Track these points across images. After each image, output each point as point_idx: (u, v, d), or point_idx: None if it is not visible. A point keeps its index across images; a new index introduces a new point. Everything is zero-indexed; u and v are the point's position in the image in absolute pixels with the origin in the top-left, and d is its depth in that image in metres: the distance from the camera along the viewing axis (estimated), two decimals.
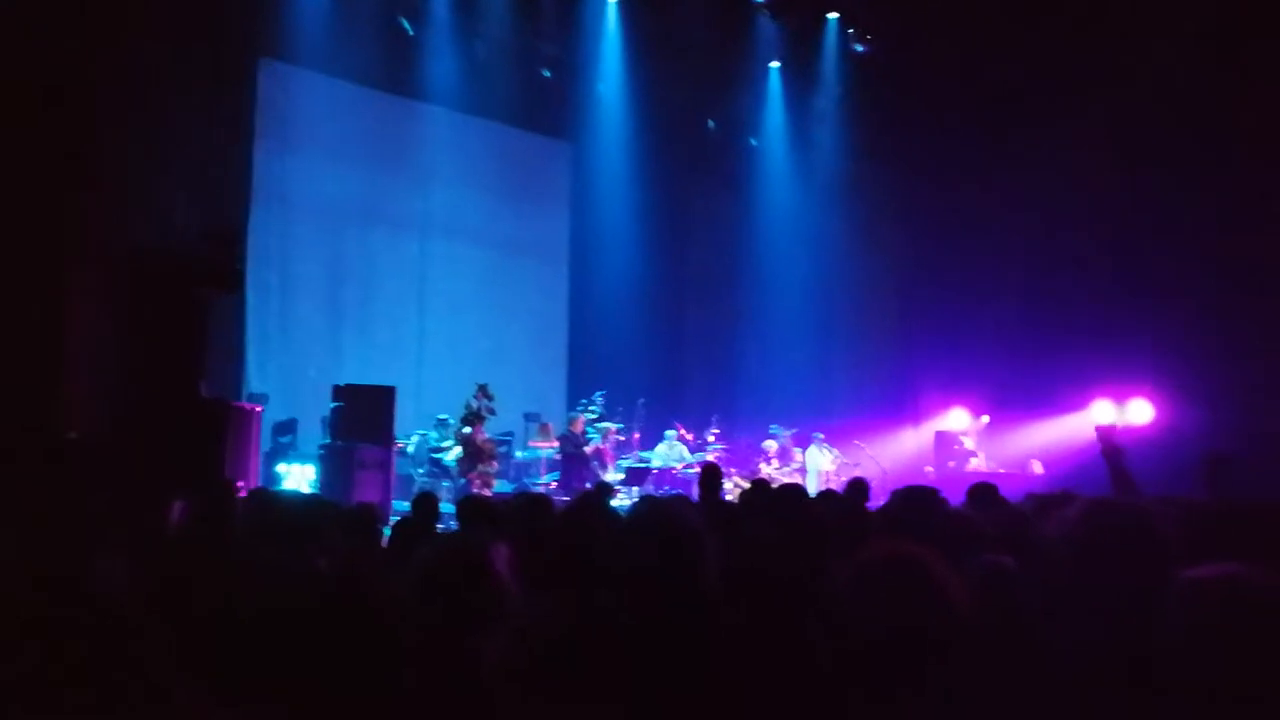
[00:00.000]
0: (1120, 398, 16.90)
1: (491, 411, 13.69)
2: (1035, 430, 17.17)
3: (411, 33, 16.01)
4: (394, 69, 16.14)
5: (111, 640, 2.62)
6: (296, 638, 2.80)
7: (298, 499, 6.39)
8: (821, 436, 17.15)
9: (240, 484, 8.34)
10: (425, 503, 6.37)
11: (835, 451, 16.99)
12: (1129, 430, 15.93)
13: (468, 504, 5.90)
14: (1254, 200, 14.88)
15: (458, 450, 13.65)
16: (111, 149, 10.62)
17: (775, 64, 19.06)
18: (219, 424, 8.39)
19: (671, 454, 16.34)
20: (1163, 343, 15.68)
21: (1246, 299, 15.06)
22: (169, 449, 7.25)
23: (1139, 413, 16.76)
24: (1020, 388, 17.25)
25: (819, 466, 16.67)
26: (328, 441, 12.53)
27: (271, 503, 5.22)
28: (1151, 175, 15.86)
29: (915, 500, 4.80)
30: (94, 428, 8.22)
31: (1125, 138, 15.91)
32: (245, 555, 3.53)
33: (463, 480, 13.38)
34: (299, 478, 12.12)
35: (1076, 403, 16.98)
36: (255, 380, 14.76)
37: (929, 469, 17.19)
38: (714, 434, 17.08)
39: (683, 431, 16.92)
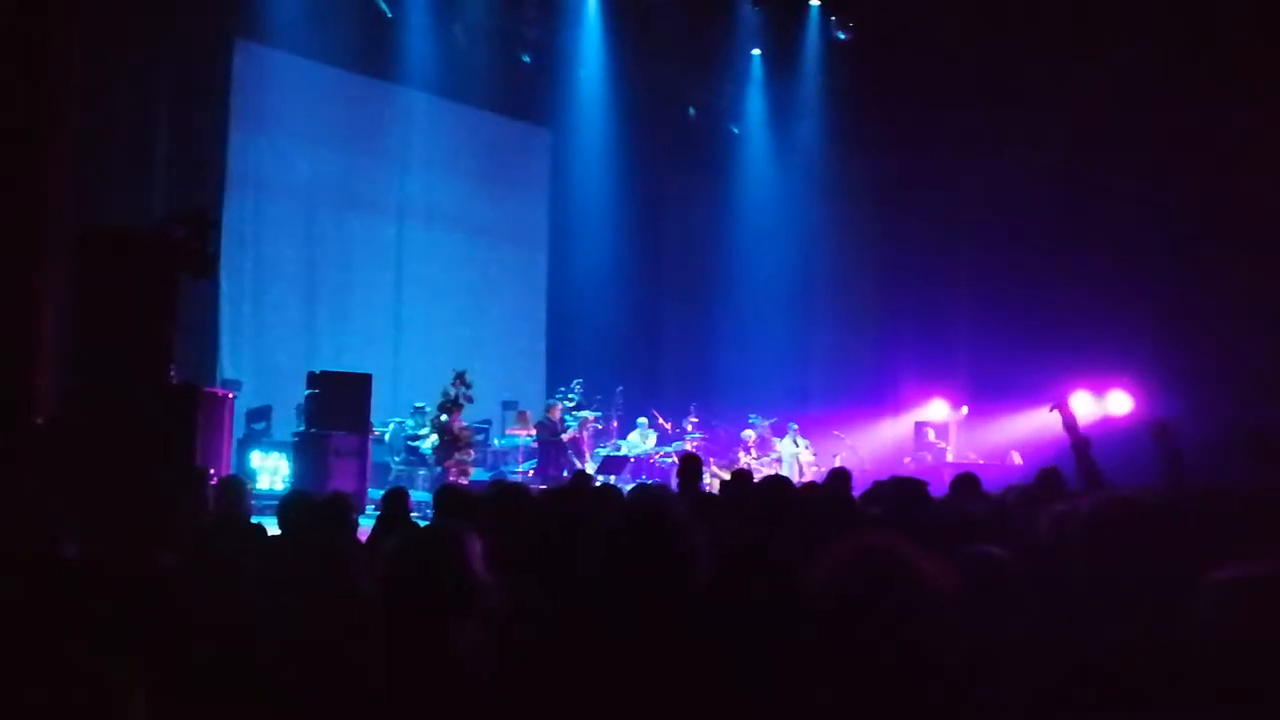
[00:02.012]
0: (1099, 389, 16.91)
1: (469, 399, 13.55)
2: (1014, 422, 17.15)
3: (390, 15, 15.81)
4: (372, 52, 15.95)
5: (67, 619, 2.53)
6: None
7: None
8: (795, 427, 17.11)
9: (212, 471, 8.20)
10: (396, 498, 6.18)
11: (806, 441, 16.94)
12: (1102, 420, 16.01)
13: (445, 494, 5.78)
14: (1231, 191, 14.89)
15: (434, 438, 13.51)
16: (84, 129, 10.41)
17: (756, 51, 18.97)
18: (189, 410, 8.22)
19: (643, 443, 16.27)
20: (1141, 334, 15.69)
21: (1223, 290, 15.07)
22: (138, 436, 7.09)
23: (1118, 404, 16.78)
24: (999, 379, 17.21)
25: (792, 456, 16.63)
26: (302, 429, 12.37)
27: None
28: (1132, 166, 15.86)
29: (903, 492, 4.73)
30: (62, 414, 8.05)
31: (1106, 128, 15.90)
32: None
33: (439, 468, 13.25)
34: (271, 468, 11.98)
35: (1055, 394, 16.97)
36: (229, 366, 14.59)
37: (908, 460, 17.16)
38: (692, 423, 17.00)
39: (660, 420, 16.84)
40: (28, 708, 1.55)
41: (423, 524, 4.38)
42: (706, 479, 13.24)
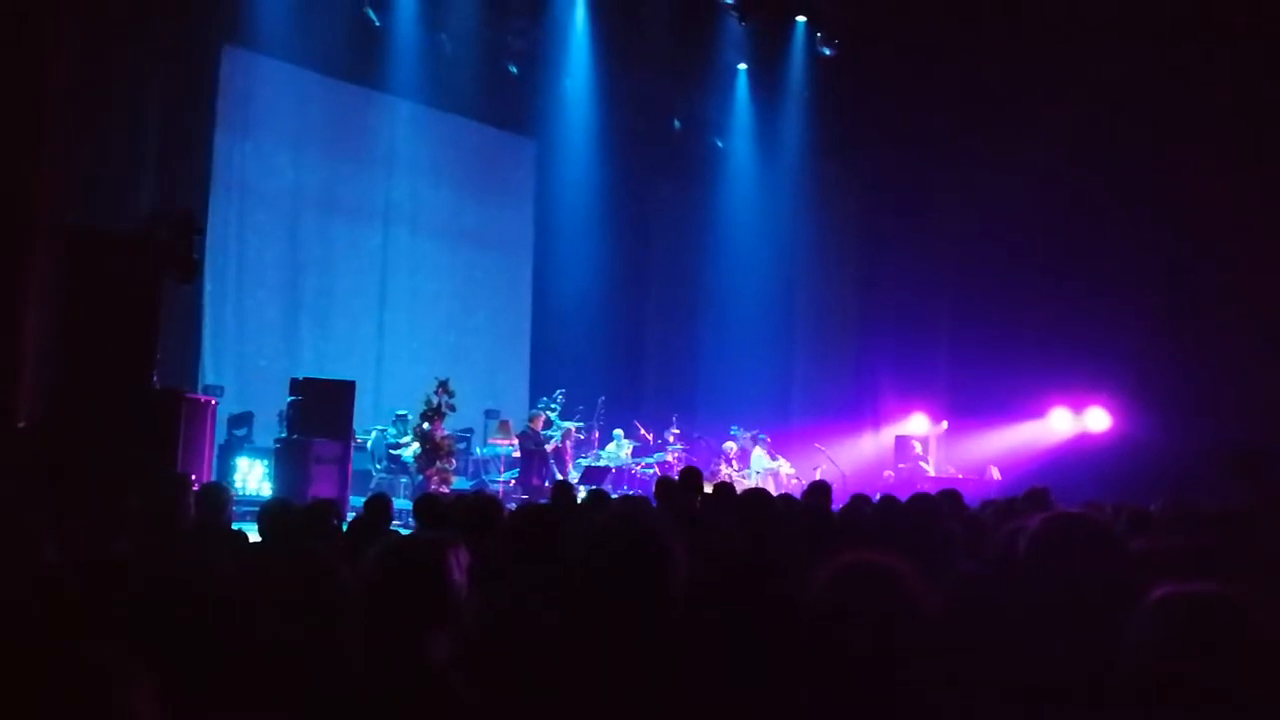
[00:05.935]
0: (1078, 406, 17.02)
1: (451, 407, 13.56)
2: (994, 437, 17.24)
3: (378, 24, 15.81)
4: (359, 60, 15.95)
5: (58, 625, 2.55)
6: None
7: None
8: (766, 438, 17.18)
9: (193, 477, 8.18)
10: (378, 504, 6.19)
11: (762, 452, 16.95)
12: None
13: (425, 503, 5.80)
14: (1210, 210, 15.00)
15: (416, 446, 13.51)
16: (71, 132, 10.40)
17: (742, 66, 19.03)
18: (171, 415, 8.21)
19: (620, 454, 16.30)
20: (1120, 352, 15.78)
21: (1203, 308, 15.17)
22: (120, 440, 7.09)
23: (1096, 420, 16.88)
24: (979, 394, 17.30)
25: (759, 467, 16.71)
26: (284, 435, 12.34)
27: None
28: (1110, 184, 15.97)
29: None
30: (46, 417, 8.04)
31: (1084, 145, 16.01)
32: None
33: (421, 477, 13.25)
34: (253, 475, 11.95)
35: (1035, 410, 17.09)
36: (211, 372, 14.56)
37: (889, 473, 17.22)
38: (673, 434, 17.05)
39: (642, 431, 16.87)
40: (37, 705, 1.57)
41: (404, 532, 4.41)
42: None
